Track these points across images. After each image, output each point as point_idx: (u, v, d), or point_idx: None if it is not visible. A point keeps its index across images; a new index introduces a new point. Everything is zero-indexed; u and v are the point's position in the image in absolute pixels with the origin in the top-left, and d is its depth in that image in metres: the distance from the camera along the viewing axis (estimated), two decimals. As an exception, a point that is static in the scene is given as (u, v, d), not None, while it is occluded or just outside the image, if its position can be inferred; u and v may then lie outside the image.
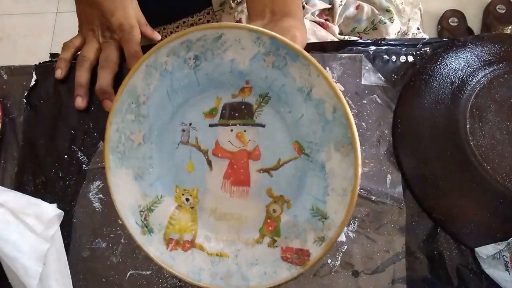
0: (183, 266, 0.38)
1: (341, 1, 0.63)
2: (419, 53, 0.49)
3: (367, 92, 0.47)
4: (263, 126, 0.38)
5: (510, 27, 1.22)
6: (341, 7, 0.63)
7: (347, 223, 0.34)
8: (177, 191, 0.40)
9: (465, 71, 0.44)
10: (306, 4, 0.63)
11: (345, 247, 0.43)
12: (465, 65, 0.45)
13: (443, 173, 0.43)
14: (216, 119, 0.38)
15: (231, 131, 0.38)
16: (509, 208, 0.40)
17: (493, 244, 0.40)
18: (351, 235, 0.43)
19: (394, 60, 0.49)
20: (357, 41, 0.51)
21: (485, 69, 0.44)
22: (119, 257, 0.44)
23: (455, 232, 0.42)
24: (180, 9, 0.66)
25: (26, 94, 0.50)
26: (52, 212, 0.44)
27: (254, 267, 0.38)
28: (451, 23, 1.28)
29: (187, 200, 0.40)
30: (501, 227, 0.41)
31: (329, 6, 0.64)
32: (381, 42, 0.50)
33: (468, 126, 0.41)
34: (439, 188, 0.43)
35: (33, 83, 0.50)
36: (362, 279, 0.42)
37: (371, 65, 0.48)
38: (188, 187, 0.40)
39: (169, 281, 0.43)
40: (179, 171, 0.40)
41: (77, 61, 0.50)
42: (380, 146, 0.46)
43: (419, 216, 0.44)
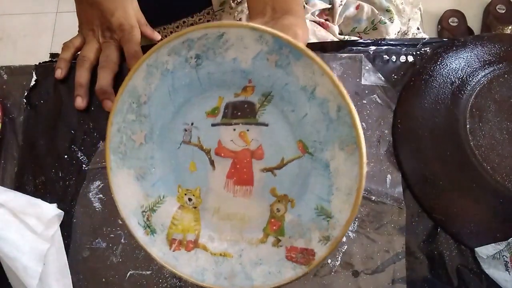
0: (187, 266, 0.38)
1: (341, 1, 0.63)
2: (419, 53, 0.49)
3: (367, 92, 0.47)
4: (266, 125, 0.37)
5: (510, 27, 1.22)
6: (341, 7, 0.63)
7: (352, 222, 0.34)
8: (179, 191, 0.40)
9: (465, 71, 0.44)
10: (306, 4, 0.63)
11: (345, 247, 0.43)
12: (465, 65, 0.45)
13: (443, 173, 0.42)
14: (218, 119, 0.38)
15: (234, 130, 0.38)
16: (509, 208, 0.40)
17: (493, 244, 0.40)
18: (351, 235, 0.43)
19: (394, 60, 0.49)
20: (357, 41, 0.51)
21: (485, 69, 0.44)
22: (119, 257, 0.44)
23: (455, 232, 0.42)
24: (180, 9, 0.66)
25: (26, 94, 0.50)
26: (52, 212, 0.44)
27: (258, 267, 0.37)
28: (451, 23, 1.28)
29: (190, 200, 0.40)
30: (501, 227, 0.41)
31: (329, 6, 0.64)
32: (381, 42, 0.50)
33: (468, 126, 0.41)
34: (439, 188, 0.43)
35: (33, 83, 0.50)
36: (362, 279, 0.42)
37: (371, 65, 0.48)
38: (190, 187, 0.40)
39: (169, 281, 0.43)
40: (182, 171, 0.40)
41: (77, 61, 0.50)
42: (380, 146, 0.46)
43: (419, 216, 0.44)
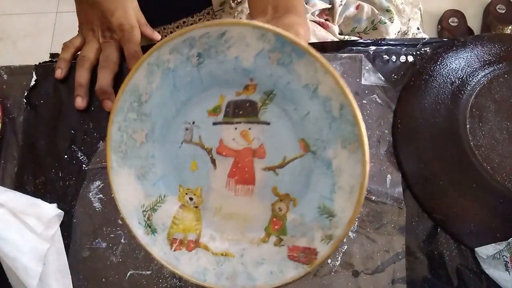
0: (188, 266, 0.38)
1: (341, 1, 0.63)
2: (419, 53, 0.49)
3: (367, 92, 0.47)
4: (268, 123, 0.37)
5: (510, 27, 1.22)
6: (341, 7, 0.63)
7: (354, 221, 0.33)
8: (180, 191, 0.40)
9: (465, 71, 0.44)
10: (306, 4, 0.63)
11: (345, 247, 0.43)
12: (465, 65, 0.45)
13: (443, 173, 0.42)
14: (220, 117, 0.38)
15: (236, 129, 0.38)
16: (509, 208, 0.40)
17: (493, 244, 0.40)
18: (351, 235, 0.43)
19: (394, 60, 0.49)
20: (357, 41, 0.51)
21: (485, 69, 0.44)
22: (119, 257, 0.44)
23: (455, 232, 0.42)
24: (180, 9, 0.66)
25: (26, 94, 0.50)
26: (52, 212, 0.44)
27: (260, 267, 0.37)
28: (451, 23, 1.28)
29: (191, 199, 0.40)
30: (501, 227, 0.41)
31: (329, 6, 0.64)
32: (381, 42, 0.50)
33: (468, 126, 0.41)
34: (439, 188, 0.43)
35: (33, 83, 0.50)
36: (362, 279, 0.42)
37: (371, 65, 0.48)
38: (191, 186, 0.40)
39: (169, 281, 0.43)
40: (183, 170, 0.39)
41: (77, 61, 0.49)
42: (380, 146, 0.46)
43: (419, 216, 0.44)
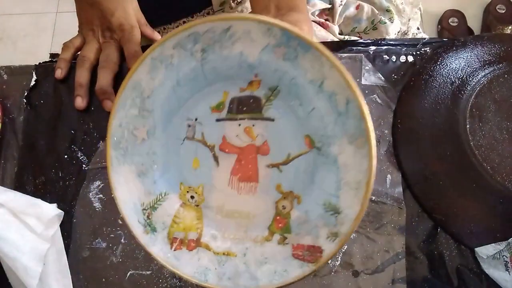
0: (188, 266, 0.37)
1: (341, 1, 0.63)
2: (419, 53, 0.49)
3: (367, 92, 0.47)
4: (272, 120, 0.37)
5: (510, 27, 1.22)
6: (341, 7, 0.63)
7: (361, 217, 0.33)
8: (181, 189, 0.39)
9: (465, 71, 0.44)
10: (306, 4, 0.63)
11: (345, 247, 0.43)
12: (465, 65, 0.45)
13: (443, 173, 0.42)
14: (223, 114, 0.37)
15: (239, 125, 0.37)
16: (509, 208, 0.40)
17: (493, 244, 0.40)
18: (351, 235, 0.43)
19: (394, 60, 0.49)
20: (357, 41, 0.51)
21: (485, 69, 0.44)
22: (119, 257, 0.44)
23: (455, 232, 0.42)
24: (180, 9, 0.66)
25: (26, 94, 0.50)
26: (52, 212, 0.44)
27: (263, 266, 0.36)
28: (451, 23, 1.28)
29: (192, 197, 0.39)
30: (501, 227, 0.41)
31: (329, 6, 0.64)
32: (381, 42, 0.50)
33: (468, 126, 0.41)
34: (439, 188, 0.43)
35: (33, 83, 0.50)
36: (362, 279, 0.42)
37: (371, 65, 0.48)
38: (193, 184, 0.39)
39: (169, 281, 0.43)
40: (184, 167, 0.39)
41: (77, 61, 0.50)
42: (380, 146, 0.46)
43: (419, 216, 0.44)
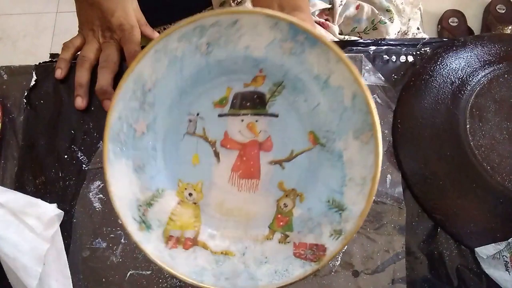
0: (184, 265, 0.36)
1: (341, 1, 0.63)
2: (419, 53, 0.49)
3: (367, 92, 0.47)
4: (276, 116, 0.36)
5: (510, 27, 1.22)
6: (341, 7, 0.63)
7: (367, 214, 0.32)
8: (179, 185, 0.38)
9: (465, 71, 0.44)
10: (306, 4, 0.63)
11: (345, 247, 0.43)
12: (465, 65, 0.45)
13: (443, 173, 0.42)
14: (226, 109, 0.36)
15: (242, 121, 0.37)
16: (509, 208, 0.40)
17: (493, 244, 0.40)
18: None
19: (394, 60, 0.49)
20: (357, 41, 0.51)
21: (485, 69, 0.44)
22: (119, 257, 0.44)
23: (455, 232, 0.42)
24: (180, 9, 0.66)
25: (26, 94, 0.50)
26: (52, 212, 0.44)
27: (263, 266, 0.36)
28: (451, 23, 1.28)
29: (190, 195, 0.38)
30: (501, 227, 0.41)
31: (329, 6, 0.64)
32: (381, 42, 0.50)
33: (468, 126, 0.41)
34: (439, 188, 0.43)
35: (33, 83, 0.50)
36: (362, 279, 0.42)
37: (371, 65, 0.48)
38: (192, 181, 0.38)
39: (169, 281, 0.43)
40: (183, 163, 0.38)
41: (77, 61, 0.49)
42: (380, 146, 0.46)
43: (419, 216, 0.44)
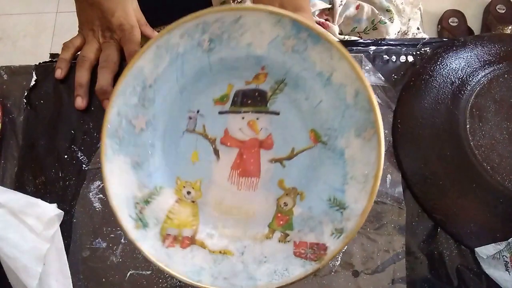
0: (181, 265, 0.35)
1: (341, 1, 0.63)
2: (419, 53, 0.49)
3: (367, 92, 0.47)
4: (277, 113, 0.36)
5: (510, 27, 1.22)
6: (341, 7, 0.63)
7: (368, 212, 0.32)
8: (178, 183, 0.38)
9: (465, 71, 0.44)
10: (306, 4, 0.63)
11: (345, 247, 0.43)
12: (465, 65, 0.45)
13: (443, 173, 0.42)
14: (226, 106, 0.36)
15: (243, 118, 0.36)
16: (509, 208, 0.40)
17: (493, 244, 0.40)
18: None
19: (394, 60, 0.49)
20: (357, 41, 0.51)
21: (485, 69, 0.44)
22: (119, 257, 0.44)
23: (455, 232, 0.42)
24: (180, 9, 0.65)
25: (26, 94, 0.50)
26: (52, 212, 0.44)
27: (262, 265, 0.35)
28: (451, 23, 1.28)
29: (189, 193, 0.38)
30: (501, 227, 0.41)
31: (329, 6, 0.64)
32: (381, 42, 0.50)
33: (468, 126, 0.41)
34: (439, 188, 0.43)
35: (33, 83, 0.50)
36: (362, 279, 0.42)
37: (371, 65, 0.48)
38: (190, 179, 0.38)
39: (169, 281, 0.43)
40: (182, 161, 0.37)
41: (77, 61, 0.50)
42: (380, 146, 0.46)
43: (419, 216, 0.44)
